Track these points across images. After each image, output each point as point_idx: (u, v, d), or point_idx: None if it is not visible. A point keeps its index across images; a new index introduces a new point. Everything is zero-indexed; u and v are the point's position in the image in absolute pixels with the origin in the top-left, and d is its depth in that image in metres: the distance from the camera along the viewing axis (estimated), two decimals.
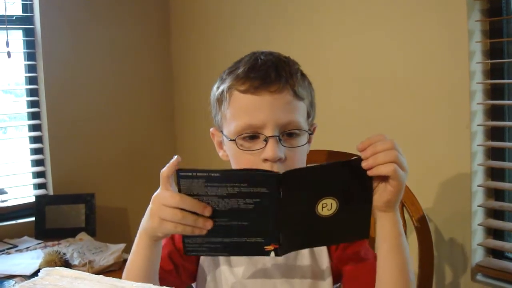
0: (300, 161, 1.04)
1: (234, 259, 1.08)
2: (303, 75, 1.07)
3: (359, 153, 0.92)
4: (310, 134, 1.06)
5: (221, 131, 1.07)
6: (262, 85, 0.99)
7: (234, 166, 1.06)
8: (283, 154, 0.99)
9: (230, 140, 1.03)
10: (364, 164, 0.89)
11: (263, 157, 0.99)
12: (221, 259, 1.09)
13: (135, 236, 1.00)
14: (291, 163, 1.00)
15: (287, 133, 1.01)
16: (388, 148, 0.90)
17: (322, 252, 1.08)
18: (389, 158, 0.89)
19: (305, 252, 1.07)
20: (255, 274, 1.06)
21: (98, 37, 2.71)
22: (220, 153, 1.11)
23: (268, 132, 0.99)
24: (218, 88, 1.06)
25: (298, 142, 1.02)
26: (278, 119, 0.99)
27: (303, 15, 2.27)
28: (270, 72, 1.01)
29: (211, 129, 1.11)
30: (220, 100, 1.06)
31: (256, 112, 1.00)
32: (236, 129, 1.01)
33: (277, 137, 0.99)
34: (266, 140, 0.99)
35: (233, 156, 1.05)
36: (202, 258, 1.11)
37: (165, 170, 0.91)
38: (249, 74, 1.01)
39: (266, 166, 0.99)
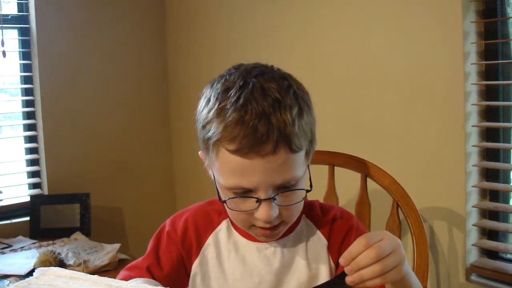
0: (296, 211, 0.99)
1: (228, 268, 1.06)
2: (301, 112, 0.92)
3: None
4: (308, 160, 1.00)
5: (212, 170, 0.99)
6: (252, 149, 0.87)
7: (228, 214, 1.03)
8: (277, 212, 0.94)
9: (221, 201, 0.96)
10: (349, 280, 0.82)
11: (257, 217, 0.94)
12: (213, 268, 1.07)
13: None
14: (286, 217, 0.97)
15: (284, 188, 0.93)
16: (372, 262, 0.80)
17: (320, 257, 1.06)
18: (374, 274, 0.80)
19: (301, 258, 1.05)
20: (249, 280, 1.05)
21: (94, 37, 2.70)
22: (211, 178, 1.01)
23: (261, 194, 0.91)
24: (204, 127, 0.94)
25: (294, 197, 0.95)
26: (272, 181, 0.91)
27: (301, 15, 2.27)
28: (261, 129, 0.87)
29: (200, 153, 1.01)
30: (206, 144, 0.95)
31: (247, 175, 0.90)
32: (225, 186, 0.94)
33: (271, 199, 0.92)
34: (258, 201, 0.92)
35: (226, 209, 1.00)
36: (193, 272, 1.08)
37: None
38: (237, 131, 0.88)
39: (261, 223, 0.95)
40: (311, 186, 0.99)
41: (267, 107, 0.88)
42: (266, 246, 1.05)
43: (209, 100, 0.94)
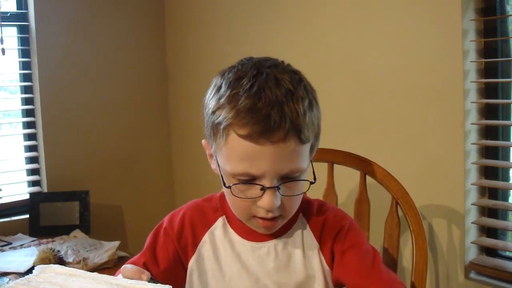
0: (296, 204, 1.00)
1: (225, 264, 1.07)
2: (311, 105, 0.94)
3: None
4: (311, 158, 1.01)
5: (215, 157, 0.99)
6: (263, 134, 0.88)
7: (229, 204, 1.03)
8: (279, 202, 0.94)
9: (226, 187, 0.96)
10: None
11: (259, 205, 0.94)
12: (209, 265, 1.07)
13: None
14: (287, 208, 0.98)
15: (287, 178, 0.94)
16: None
17: (313, 258, 1.06)
18: None
19: (297, 257, 1.05)
20: (246, 277, 1.05)
21: (93, 35, 2.70)
22: (213, 166, 1.03)
23: (266, 182, 0.92)
24: (213, 113, 0.94)
25: (297, 188, 0.96)
26: (279, 169, 0.92)
27: (299, 14, 2.27)
28: (274, 117, 0.88)
29: (203, 142, 1.03)
30: (215, 130, 0.95)
31: (255, 161, 0.90)
32: (231, 173, 0.94)
33: (276, 188, 0.92)
34: (263, 189, 0.92)
35: (228, 197, 1.01)
36: (190, 269, 1.08)
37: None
38: (250, 117, 0.88)
39: (262, 212, 0.96)
40: (315, 179, 0.99)
41: (280, 96, 0.90)
42: (260, 246, 1.05)
43: (220, 88, 0.95)
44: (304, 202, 1.10)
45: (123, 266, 0.89)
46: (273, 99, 0.89)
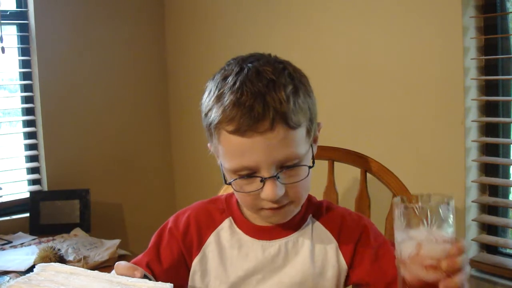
0: (303, 189, 0.99)
1: (230, 267, 1.06)
2: (296, 90, 0.95)
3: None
4: (313, 140, 1.01)
5: (217, 156, 1.01)
6: (250, 127, 0.90)
7: (238, 200, 1.05)
8: (283, 190, 0.94)
9: (227, 183, 0.98)
10: None
11: (262, 197, 0.94)
12: (213, 266, 1.07)
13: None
14: (293, 195, 0.97)
15: (286, 166, 0.94)
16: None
17: (327, 257, 1.06)
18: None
19: (306, 255, 1.05)
20: (251, 277, 1.05)
21: (93, 34, 2.70)
22: (219, 162, 1.03)
23: (264, 173, 0.93)
24: (206, 115, 0.97)
25: (299, 174, 0.96)
26: (273, 158, 0.92)
27: (300, 13, 2.27)
28: (257, 108, 0.89)
29: (208, 144, 1.04)
30: (209, 131, 0.98)
31: (248, 154, 0.92)
32: (230, 169, 0.96)
33: (275, 177, 0.93)
34: (263, 181, 0.93)
35: (235, 194, 1.03)
36: (193, 269, 1.08)
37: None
38: (235, 112, 0.90)
39: (268, 204, 0.96)
40: (313, 162, 0.99)
41: (262, 87, 0.91)
42: (270, 244, 1.05)
43: (210, 91, 0.97)
44: (313, 204, 1.11)
45: (116, 263, 0.89)
46: (255, 91, 0.91)
